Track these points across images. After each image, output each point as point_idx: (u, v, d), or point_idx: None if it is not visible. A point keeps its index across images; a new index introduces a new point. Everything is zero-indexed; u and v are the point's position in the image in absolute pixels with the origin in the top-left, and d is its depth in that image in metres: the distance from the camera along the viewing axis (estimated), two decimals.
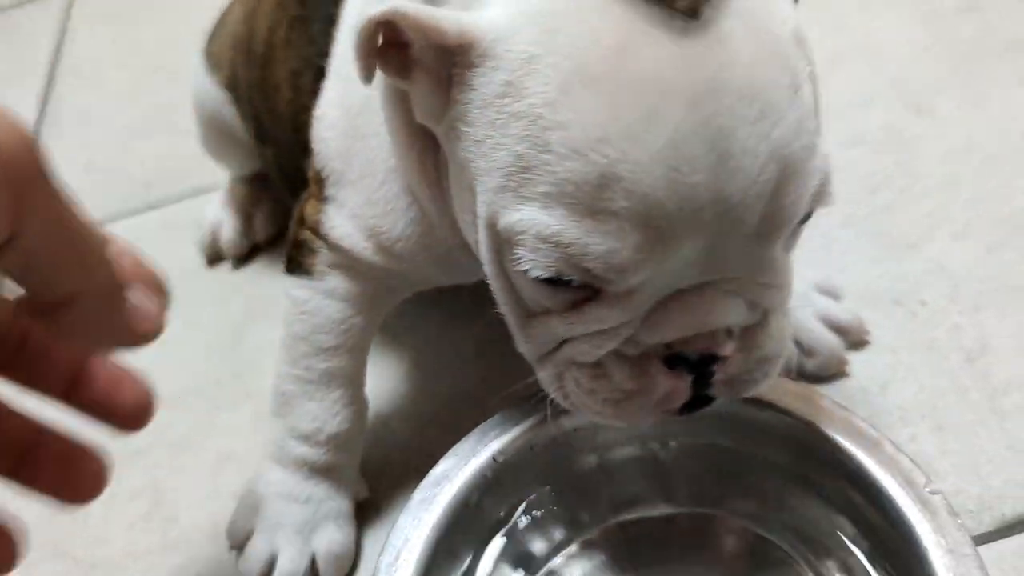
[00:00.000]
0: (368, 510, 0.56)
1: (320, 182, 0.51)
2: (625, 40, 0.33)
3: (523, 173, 0.34)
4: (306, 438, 0.53)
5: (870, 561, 0.43)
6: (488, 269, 0.40)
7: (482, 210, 0.37)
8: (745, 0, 0.34)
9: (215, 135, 0.72)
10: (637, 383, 0.38)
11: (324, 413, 0.53)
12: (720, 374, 0.38)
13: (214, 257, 0.74)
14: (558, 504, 0.49)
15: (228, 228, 0.73)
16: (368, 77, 0.37)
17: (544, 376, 0.41)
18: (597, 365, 0.39)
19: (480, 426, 0.47)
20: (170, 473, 0.61)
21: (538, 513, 0.48)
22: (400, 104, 0.42)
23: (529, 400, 0.44)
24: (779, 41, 0.34)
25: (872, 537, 0.43)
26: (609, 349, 0.38)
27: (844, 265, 0.62)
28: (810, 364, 0.55)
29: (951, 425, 0.53)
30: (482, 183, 0.37)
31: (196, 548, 0.57)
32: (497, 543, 0.48)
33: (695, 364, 0.38)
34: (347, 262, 0.50)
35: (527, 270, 0.35)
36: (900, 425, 0.54)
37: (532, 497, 0.48)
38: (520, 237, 0.35)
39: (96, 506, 0.58)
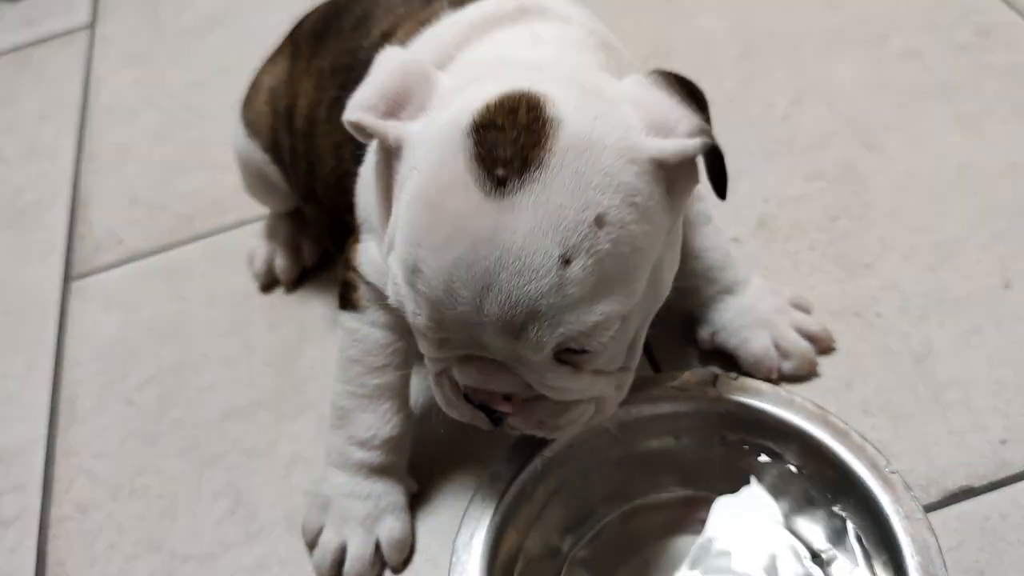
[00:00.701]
0: (420, 502, 0.66)
1: (357, 228, 0.61)
2: (454, 182, 0.44)
3: (393, 240, 0.48)
4: (363, 444, 0.63)
5: (844, 524, 0.55)
6: None
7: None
8: (550, 187, 0.43)
9: (259, 184, 0.81)
10: (455, 401, 0.52)
11: (378, 421, 0.63)
12: (510, 420, 0.51)
13: (270, 284, 0.83)
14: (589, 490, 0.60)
15: (280, 256, 0.82)
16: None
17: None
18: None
19: None
20: (246, 475, 0.71)
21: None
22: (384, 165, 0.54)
23: None
24: (565, 223, 0.43)
25: (847, 506, 0.55)
26: (437, 370, 0.51)
27: (812, 284, 0.74)
28: (786, 366, 0.66)
29: (904, 416, 0.65)
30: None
31: (275, 539, 0.66)
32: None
33: (483, 406, 0.51)
34: (381, 297, 0.59)
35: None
36: (863, 417, 0.65)
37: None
38: (392, 267, 0.48)
39: (184, 506, 0.69)
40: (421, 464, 0.67)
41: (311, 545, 0.64)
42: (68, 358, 0.82)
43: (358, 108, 0.49)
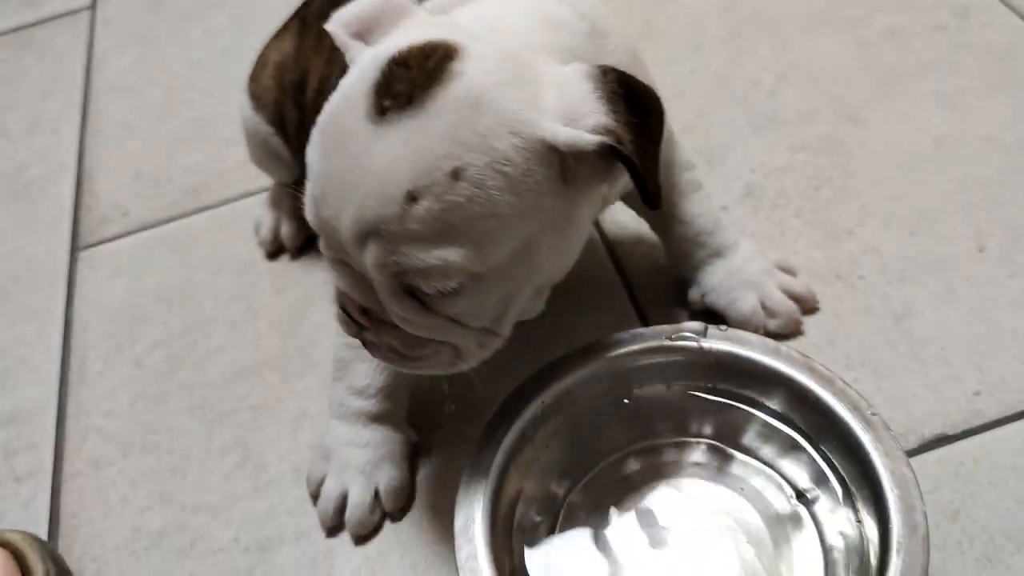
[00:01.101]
0: (421, 452, 0.69)
1: None
2: (352, 102, 0.48)
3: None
4: (360, 392, 0.66)
5: (827, 465, 0.58)
6: None
7: None
8: (421, 129, 0.46)
9: (264, 155, 0.83)
10: (337, 309, 0.55)
11: (372, 371, 0.66)
12: (365, 335, 0.53)
13: (276, 251, 0.86)
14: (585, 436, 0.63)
15: (285, 224, 0.85)
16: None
17: None
18: None
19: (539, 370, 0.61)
20: (254, 431, 0.73)
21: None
22: None
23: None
24: (423, 165, 0.46)
25: (830, 448, 0.58)
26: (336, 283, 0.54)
27: (797, 248, 0.77)
28: (772, 324, 0.70)
29: (884, 371, 0.68)
30: None
31: (283, 492, 0.69)
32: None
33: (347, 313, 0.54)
34: None
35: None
36: (846, 371, 0.68)
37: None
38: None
39: (194, 461, 0.72)
40: (423, 416, 0.70)
41: (314, 496, 0.67)
42: (77, 324, 0.84)
43: (337, 22, 0.53)
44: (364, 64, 0.50)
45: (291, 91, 0.77)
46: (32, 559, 0.64)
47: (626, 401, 0.63)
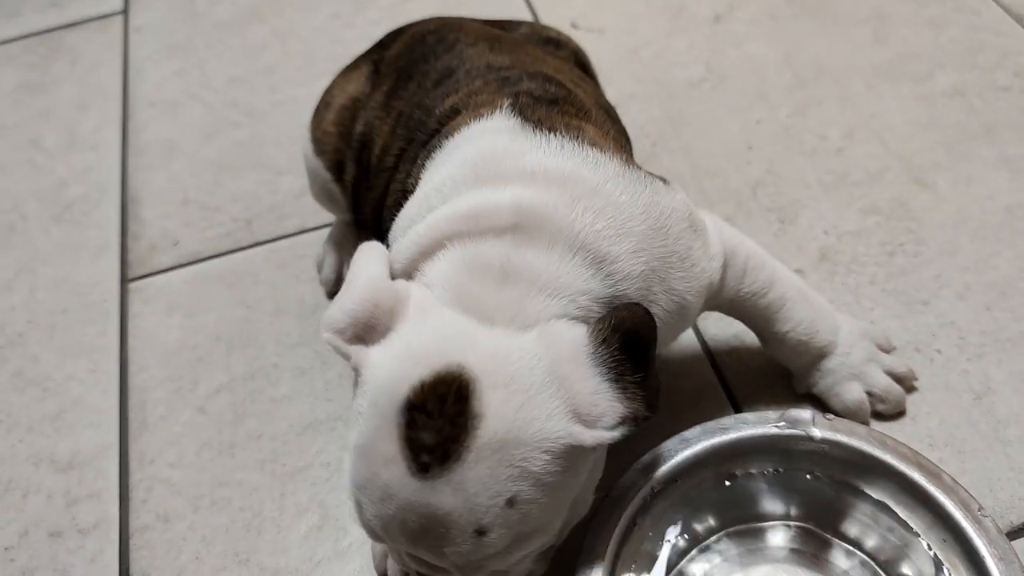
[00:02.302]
0: None
1: None
2: (388, 453, 0.48)
3: (351, 463, 0.52)
4: None
5: (936, 564, 0.59)
6: None
7: None
8: (467, 477, 0.47)
9: (325, 197, 0.81)
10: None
11: None
12: None
13: (337, 290, 0.83)
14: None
15: (348, 264, 0.83)
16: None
17: None
18: None
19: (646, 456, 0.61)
20: (331, 490, 0.72)
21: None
22: None
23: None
24: (478, 508, 0.48)
25: (939, 547, 0.58)
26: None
27: (874, 318, 0.77)
28: (880, 407, 0.70)
29: (968, 451, 0.69)
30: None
31: (366, 557, 0.68)
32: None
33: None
34: None
35: None
36: (929, 451, 0.69)
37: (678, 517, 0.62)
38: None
39: (269, 520, 0.70)
40: None
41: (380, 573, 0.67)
42: (133, 363, 0.82)
43: (329, 328, 0.52)
44: (376, 401, 0.49)
45: (355, 145, 0.74)
46: None
47: (727, 484, 0.63)
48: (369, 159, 0.72)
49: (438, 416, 0.47)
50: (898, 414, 0.71)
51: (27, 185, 0.99)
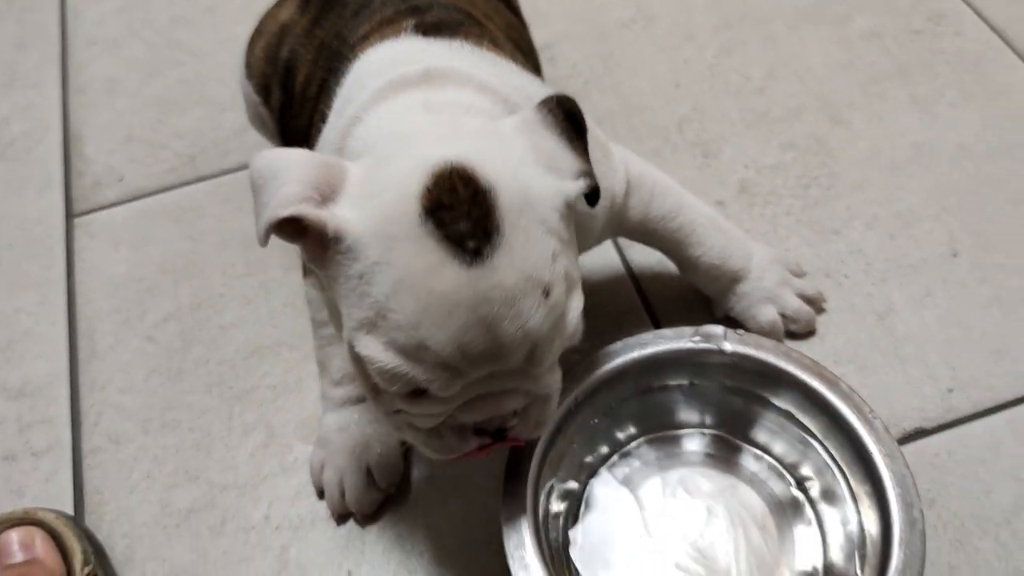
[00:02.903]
0: None
1: None
2: (432, 264, 0.49)
3: (370, 326, 0.51)
4: (339, 382, 0.70)
5: (831, 460, 0.65)
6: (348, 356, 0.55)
7: (345, 332, 0.53)
8: (513, 244, 0.49)
9: (257, 120, 0.83)
10: (459, 444, 0.56)
11: (344, 361, 0.69)
12: (513, 432, 0.57)
13: None
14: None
15: None
16: (264, 243, 0.52)
17: (387, 422, 0.58)
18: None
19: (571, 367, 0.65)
20: (276, 411, 0.76)
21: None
22: None
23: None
24: (536, 268, 0.50)
25: (834, 446, 0.64)
26: (436, 424, 0.55)
27: (789, 246, 0.83)
28: (793, 327, 0.76)
29: (869, 367, 0.75)
30: (345, 316, 0.53)
31: (309, 473, 0.72)
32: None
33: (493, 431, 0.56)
34: None
35: (375, 382, 0.53)
36: (835, 366, 0.75)
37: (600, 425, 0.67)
38: (365, 355, 0.51)
39: (217, 438, 0.74)
40: None
41: (319, 488, 0.71)
42: (80, 295, 0.84)
43: (292, 202, 0.50)
44: (388, 232, 0.49)
45: (280, 71, 0.76)
46: (70, 539, 0.66)
47: (646, 395, 0.68)
48: (294, 86, 0.74)
49: (458, 204, 0.49)
50: (808, 333, 0.77)
51: None
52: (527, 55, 0.74)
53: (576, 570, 0.64)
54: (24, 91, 1.02)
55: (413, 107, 0.57)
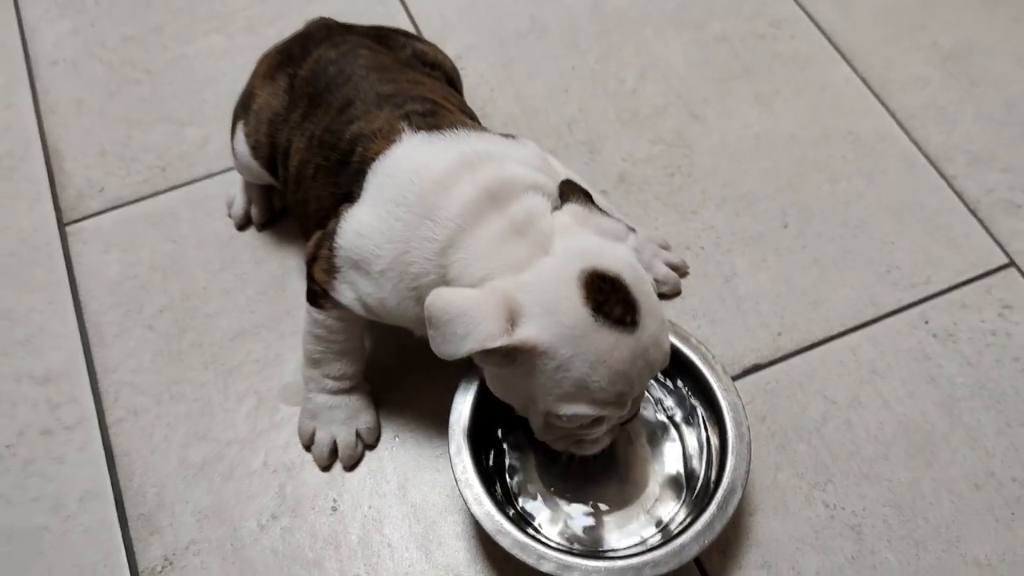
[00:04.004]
0: (380, 399, 0.95)
1: (332, 258, 0.79)
2: (612, 343, 0.70)
3: (572, 396, 0.71)
4: (336, 379, 0.89)
5: (688, 394, 0.88)
6: (529, 415, 0.77)
7: (541, 403, 0.73)
8: (645, 305, 0.71)
9: (246, 171, 0.99)
10: (610, 436, 0.80)
11: (345, 366, 0.88)
12: (631, 424, 0.82)
13: (245, 224, 1.05)
14: None
15: (255, 205, 1.04)
16: (456, 358, 0.70)
17: (558, 445, 0.79)
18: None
19: None
20: (263, 380, 0.95)
21: None
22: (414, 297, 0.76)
23: None
24: (660, 311, 0.74)
25: (687, 384, 0.88)
26: (598, 430, 0.77)
27: (658, 225, 1.05)
28: (663, 289, 0.99)
29: (718, 319, 0.99)
30: (542, 394, 0.72)
31: (296, 426, 0.92)
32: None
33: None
34: (343, 310, 0.82)
35: (570, 427, 0.75)
36: (691, 319, 0.98)
37: None
38: (569, 415, 0.72)
39: (217, 405, 0.93)
40: (375, 375, 0.95)
41: (307, 445, 0.91)
42: (83, 294, 1.01)
43: (496, 337, 0.68)
44: (570, 334, 0.69)
45: (280, 154, 0.91)
46: None
47: None
48: (288, 168, 0.89)
49: (610, 296, 0.69)
50: (675, 294, 1.00)
51: None
52: (471, 116, 0.91)
53: (513, 491, 0.86)
54: (0, 112, 1.16)
55: (503, 233, 0.73)
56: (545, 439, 0.79)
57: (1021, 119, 1.13)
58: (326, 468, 0.90)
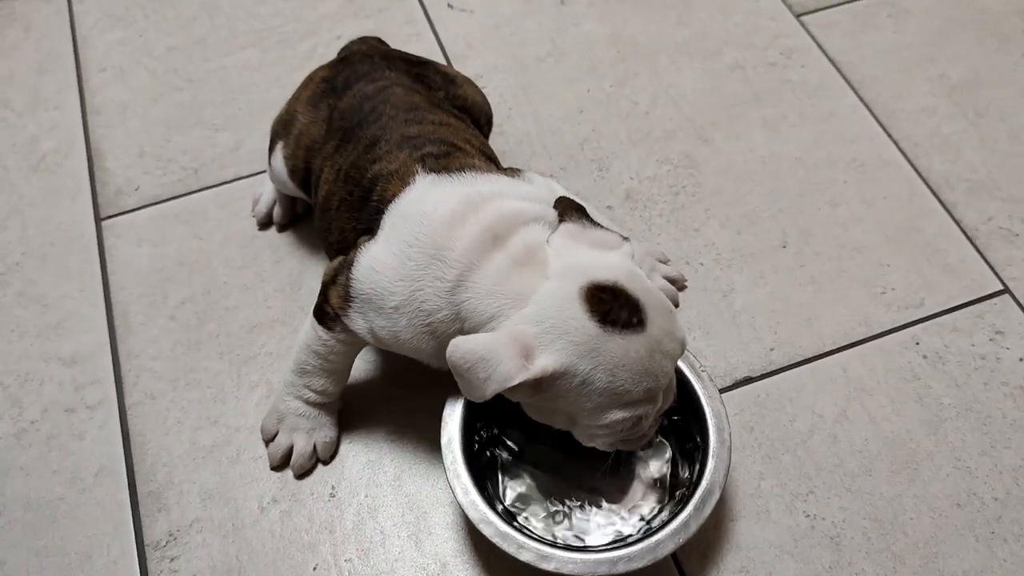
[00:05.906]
0: (346, 415, 0.99)
1: (348, 287, 0.82)
2: (625, 346, 0.72)
3: (605, 406, 0.74)
4: (318, 392, 0.92)
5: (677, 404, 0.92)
6: (573, 431, 0.80)
7: (579, 419, 0.77)
8: (649, 302, 0.74)
9: (288, 191, 1.04)
10: (651, 428, 0.83)
11: (330, 385, 0.92)
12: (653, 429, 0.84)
13: (266, 223, 1.11)
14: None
15: (279, 206, 1.10)
16: (487, 398, 0.73)
17: (603, 446, 0.80)
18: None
19: None
20: (274, 372, 1.01)
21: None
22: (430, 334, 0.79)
23: None
24: (667, 305, 0.76)
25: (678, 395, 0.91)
26: (634, 426, 0.78)
27: (660, 240, 1.09)
28: None
29: (713, 332, 1.02)
30: (577, 411, 0.76)
31: None
32: None
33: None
34: (350, 333, 0.85)
35: (610, 431, 0.77)
36: (687, 331, 1.02)
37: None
38: (607, 423, 0.75)
39: (229, 393, 0.99)
40: (384, 367, 1.00)
41: (267, 441, 0.95)
42: (113, 283, 1.08)
43: (516, 374, 0.71)
44: (588, 350, 0.72)
45: (314, 180, 0.95)
46: None
47: None
48: (318, 196, 0.94)
49: (612, 304, 0.73)
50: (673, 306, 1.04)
51: (4, 140, 1.22)
52: (491, 158, 0.93)
53: (503, 486, 0.90)
54: (48, 112, 1.24)
55: (505, 268, 0.76)
56: (593, 445, 0.81)
57: None
58: (276, 469, 0.94)
